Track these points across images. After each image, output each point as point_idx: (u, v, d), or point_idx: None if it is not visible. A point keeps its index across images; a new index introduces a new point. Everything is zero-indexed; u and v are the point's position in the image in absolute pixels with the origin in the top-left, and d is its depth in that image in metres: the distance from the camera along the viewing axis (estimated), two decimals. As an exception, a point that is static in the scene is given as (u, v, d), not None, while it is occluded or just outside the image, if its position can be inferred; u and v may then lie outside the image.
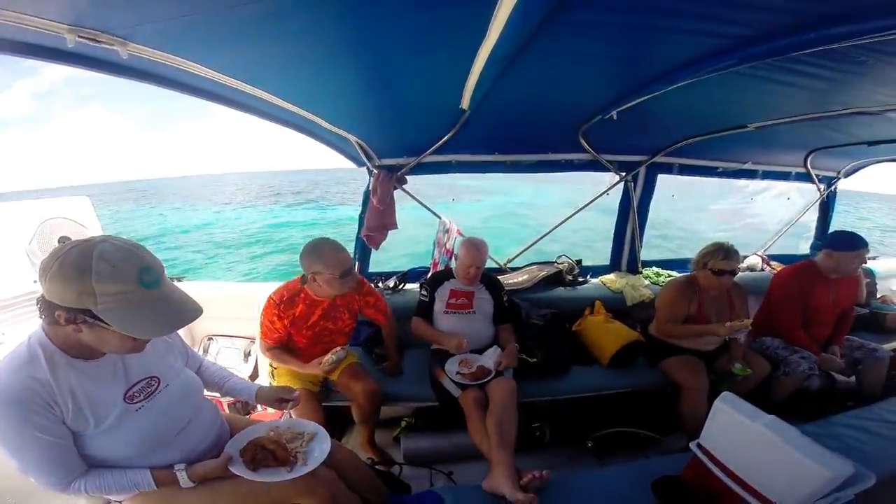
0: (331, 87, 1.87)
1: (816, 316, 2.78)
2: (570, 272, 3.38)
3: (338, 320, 2.29)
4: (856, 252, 2.63)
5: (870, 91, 1.86)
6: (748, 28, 1.27)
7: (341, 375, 2.27)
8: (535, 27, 1.28)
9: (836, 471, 1.24)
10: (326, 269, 2.03)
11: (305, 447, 1.47)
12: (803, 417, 2.62)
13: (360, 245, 3.08)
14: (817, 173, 3.79)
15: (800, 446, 1.32)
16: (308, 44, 1.42)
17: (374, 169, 2.88)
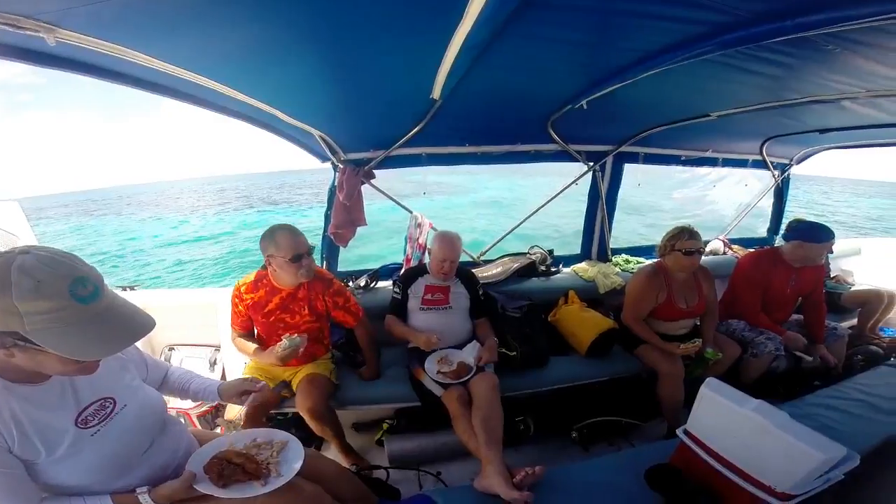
0: (291, 77, 1.77)
1: (774, 301, 2.90)
2: (543, 262, 3.40)
3: (295, 314, 2.21)
4: (824, 243, 2.73)
5: (826, 79, 1.91)
6: (727, 15, 1.25)
7: (298, 385, 2.18)
8: (511, 12, 1.22)
9: (829, 453, 1.27)
10: (278, 251, 2.03)
11: (278, 457, 1.38)
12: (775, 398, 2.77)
13: (326, 243, 2.96)
14: (772, 160, 3.96)
15: (791, 430, 1.34)
16: (264, 31, 1.32)
17: (339, 164, 2.76)
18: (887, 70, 1.66)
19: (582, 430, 2.60)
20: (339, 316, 2.35)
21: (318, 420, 2.12)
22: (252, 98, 1.91)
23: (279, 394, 2.18)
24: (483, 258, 3.51)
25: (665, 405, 2.53)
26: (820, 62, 1.68)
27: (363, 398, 2.36)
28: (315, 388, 2.14)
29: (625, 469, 1.72)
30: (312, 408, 2.08)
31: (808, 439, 1.31)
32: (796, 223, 2.84)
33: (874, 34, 1.28)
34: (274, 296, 2.19)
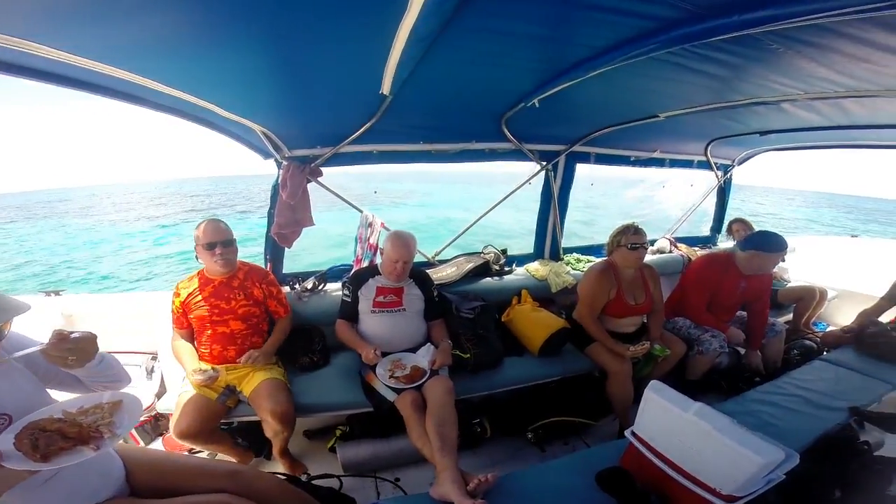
0: (227, 71, 1.65)
1: (721, 304, 2.98)
2: (497, 262, 3.37)
3: (231, 300, 2.26)
4: (779, 253, 2.77)
5: (769, 80, 1.96)
6: (675, 9, 1.23)
7: (254, 390, 2.12)
8: (458, 2, 1.16)
9: (768, 457, 1.29)
10: (198, 240, 2.20)
11: (111, 417, 1.25)
12: (719, 395, 2.85)
13: (270, 244, 2.80)
14: (716, 161, 4.12)
15: (731, 434, 1.36)
16: (193, 23, 1.21)
17: (282, 161, 2.60)
18: (825, 71, 1.71)
19: (537, 431, 2.60)
20: (272, 305, 2.44)
21: (286, 423, 2.08)
22: (183, 92, 1.77)
23: (224, 404, 2.11)
24: (438, 258, 3.43)
25: (615, 403, 2.57)
26: (764, 63, 1.71)
27: (314, 405, 2.26)
28: (280, 391, 2.12)
29: (578, 471, 1.72)
30: (284, 411, 2.06)
31: (748, 443, 1.33)
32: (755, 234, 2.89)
33: (817, 33, 1.30)
34: (207, 285, 2.27)
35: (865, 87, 1.84)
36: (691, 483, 1.45)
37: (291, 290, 2.80)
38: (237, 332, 2.27)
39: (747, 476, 1.31)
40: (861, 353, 2.90)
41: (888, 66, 1.53)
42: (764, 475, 1.35)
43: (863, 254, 4.47)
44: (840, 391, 2.43)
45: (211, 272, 2.27)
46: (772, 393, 2.39)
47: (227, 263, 2.24)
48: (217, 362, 2.23)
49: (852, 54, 1.47)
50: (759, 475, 1.32)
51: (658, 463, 1.56)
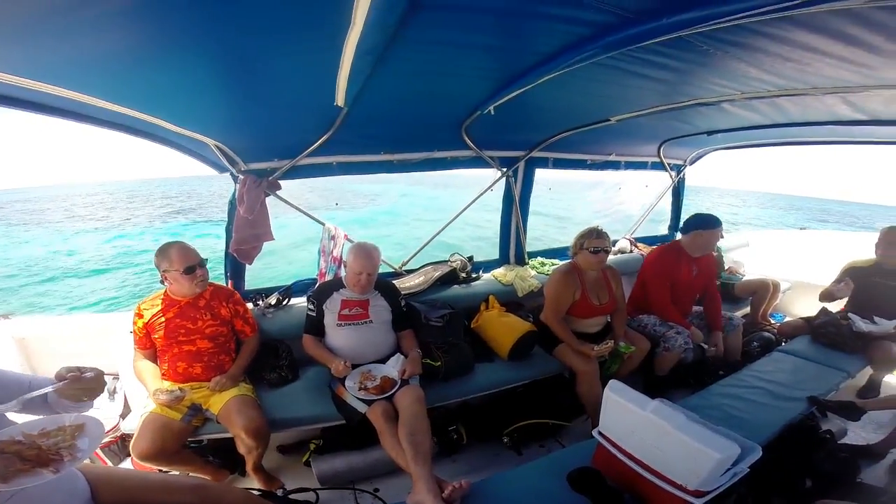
0: (177, 85, 1.63)
1: (682, 292, 3.12)
2: (464, 269, 3.39)
3: (197, 320, 2.25)
4: (717, 229, 3.02)
5: (709, 82, 2.06)
6: (609, 14, 1.29)
7: (223, 408, 2.09)
8: (401, 14, 1.20)
9: (725, 452, 1.33)
10: (171, 265, 2.15)
11: (73, 440, 1.22)
12: (686, 389, 2.93)
13: (229, 261, 2.73)
14: (669, 162, 4.27)
15: (688, 431, 1.39)
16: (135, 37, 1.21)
17: (238, 175, 2.55)
18: (756, 72, 1.81)
19: (512, 435, 2.61)
20: (238, 325, 2.41)
21: (260, 438, 2.05)
22: (128, 108, 1.74)
23: (190, 423, 2.06)
24: (405, 268, 3.42)
25: (586, 403, 2.61)
26: (701, 65, 1.80)
27: (286, 420, 2.23)
28: (250, 407, 2.10)
29: (553, 473, 1.74)
30: (257, 426, 2.03)
31: (704, 439, 1.36)
32: (690, 218, 3.10)
33: (741, 33, 1.38)
34: (172, 306, 2.24)
35: (794, 86, 1.95)
36: (659, 480, 1.48)
37: (255, 307, 2.73)
38: (204, 350, 2.25)
39: (707, 471, 1.35)
40: (816, 342, 3.04)
41: (810, 65, 1.63)
42: (724, 469, 1.38)
43: (811, 246, 4.70)
44: (799, 381, 2.54)
45: (179, 294, 2.24)
46: (735, 386, 2.48)
47: (205, 283, 2.28)
48: (182, 380, 2.20)
49: (777, 53, 1.56)
50: (718, 470, 1.35)
51: (626, 461, 1.59)
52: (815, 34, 1.33)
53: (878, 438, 2.51)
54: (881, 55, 1.43)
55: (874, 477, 2.28)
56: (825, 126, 2.71)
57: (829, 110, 2.38)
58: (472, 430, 2.61)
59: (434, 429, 2.32)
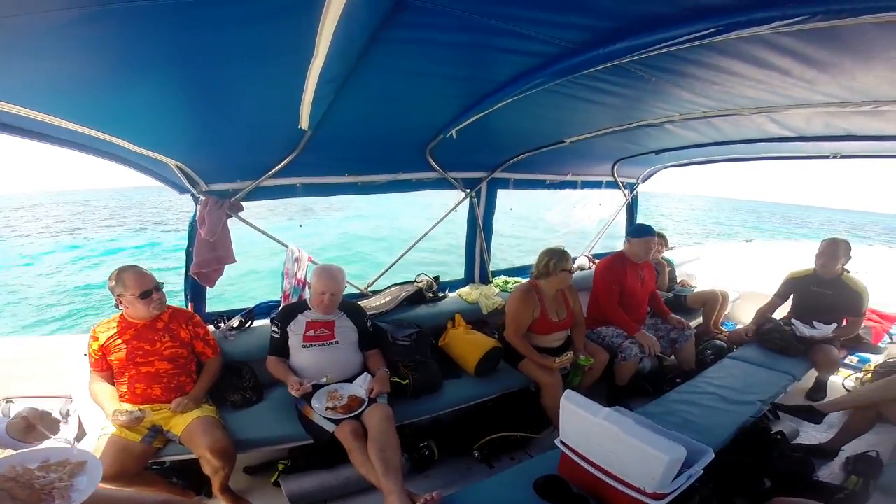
0: (139, 107, 1.65)
1: (632, 299, 3.28)
2: (430, 289, 3.42)
3: (155, 342, 2.23)
4: (648, 238, 3.27)
5: (652, 105, 2.23)
6: (553, 45, 1.42)
7: (186, 429, 2.06)
8: (363, 46, 1.28)
9: (671, 454, 1.40)
10: (126, 290, 2.13)
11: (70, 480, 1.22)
12: (646, 398, 3.01)
13: (190, 284, 2.67)
14: (622, 180, 4.50)
15: (636, 435, 1.46)
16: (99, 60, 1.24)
17: (200, 196, 2.53)
18: (690, 95, 1.98)
19: (483, 449, 2.63)
20: (199, 346, 2.39)
21: (226, 458, 2.02)
22: (87, 127, 1.72)
23: (150, 445, 2.02)
24: (371, 289, 3.43)
25: (551, 414, 2.66)
26: (643, 90, 1.96)
27: (253, 440, 2.19)
28: (215, 427, 2.07)
29: (521, 483, 1.76)
30: (223, 447, 2.00)
31: (653, 443, 1.43)
32: (630, 228, 3.34)
33: (671, 61, 1.53)
34: (129, 328, 2.22)
35: (724, 107, 2.15)
36: (619, 484, 1.53)
37: (216, 329, 2.67)
38: (163, 372, 2.21)
39: (660, 474, 1.41)
40: (763, 348, 3.21)
41: (734, 87, 1.81)
42: (677, 471, 1.44)
43: (756, 257, 5.01)
44: (749, 386, 2.67)
45: (136, 316, 2.22)
46: (690, 392, 2.59)
47: (162, 306, 2.26)
48: (140, 401, 2.14)
49: (705, 78, 1.73)
50: (671, 471, 1.42)
51: (587, 467, 1.64)
52: (733, 59, 1.49)
53: (828, 438, 2.63)
54: (790, 76, 1.60)
55: (830, 475, 2.40)
56: (758, 143, 2.96)
57: (759, 128, 2.61)
58: (443, 445, 2.62)
59: (405, 446, 2.33)
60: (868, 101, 1.75)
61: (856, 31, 1.16)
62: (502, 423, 2.70)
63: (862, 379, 3.31)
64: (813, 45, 1.30)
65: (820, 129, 2.46)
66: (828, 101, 1.86)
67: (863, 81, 1.56)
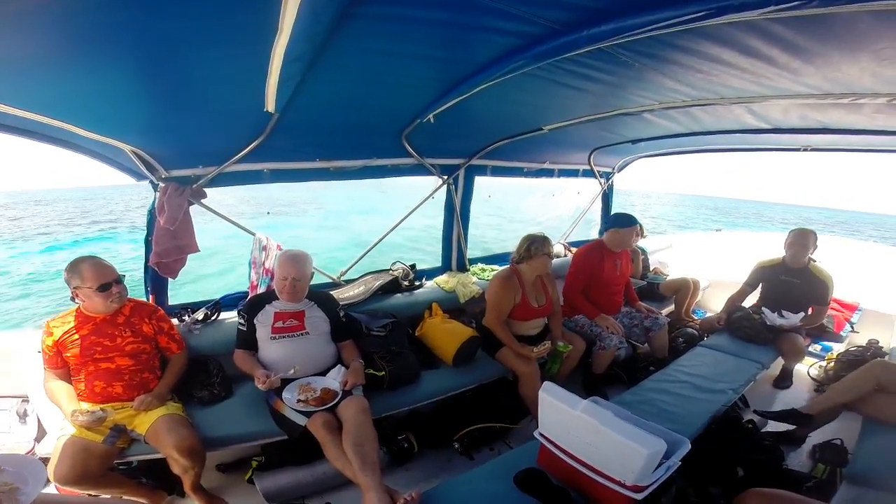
0: (91, 91, 1.55)
1: (608, 287, 3.31)
2: (406, 278, 3.35)
3: (115, 337, 2.11)
4: (633, 227, 3.33)
5: (631, 93, 2.19)
6: (536, 25, 1.35)
7: (151, 428, 1.98)
8: (331, 22, 1.20)
9: (651, 448, 1.39)
10: (84, 282, 2.01)
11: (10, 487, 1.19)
12: (622, 386, 3.07)
13: (150, 275, 2.53)
14: (598, 169, 4.49)
15: (616, 428, 1.45)
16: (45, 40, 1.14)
17: (159, 182, 2.38)
18: (671, 83, 1.95)
19: (462, 440, 2.61)
20: (164, 342, 2.28)
21: (195, 457, 1.94)
22: (34, 113, 1.60)
23: (114, 445, 1.93)
24: (343, 278, 3.33)
25: (529, 404, 2.66)
26: (624, 76, 1.92)
27: (223, 438, 2.11)
28: (181, 425, 1.99)
29: (501, 475, 1.75)
30: (190, 445, 1.92)
31: (633, 436, 1.42)
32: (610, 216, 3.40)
33: (657, 46, 1.49)
34: (87, 323, 2.09)
35: (705, 96, 2.12)
36: (599, 476, 1.52)
37: (181, 323, 2.54)
38: (124, 368, 2.10)
39: (640, 467, 1.40)
40: (733, 336, 3.29)
41: (718, 76, 1.78)
42: (656, 463, 1.44)
43: (725, 246, 5.12)
44: (720, 374, 2.72)
45: (93, 310, 2.09)
46: (664, 381, 2.62)
47: (122, 300, 2.13)
48: (100, 400, 2.04)
49: (689, 65, 1.69)
50: (650, 465, 1.41)
51: (567, 459, 1.63)
52: (720, 46, 1.45)
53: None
54: (776, 66, 1.58)
55: (798, 463, 2.47)
56: (734, 134, 2.98)
57: (736, 119, 2.61)
58: (422, 437, 2.59)
59: (384, 439, 2.28)
60: (848, 93, 1.75)
61: (848, 20, 1.13)
62: (481, 413, 2.69)
63: (825, 367, 3.43)
64: (803, 33, 1.27)
65: (796, 121, 2.48)
66: (809, 93, 1.85)
67: (847, 73, 1.55)
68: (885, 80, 1.58)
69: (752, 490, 1.56)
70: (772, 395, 3.32)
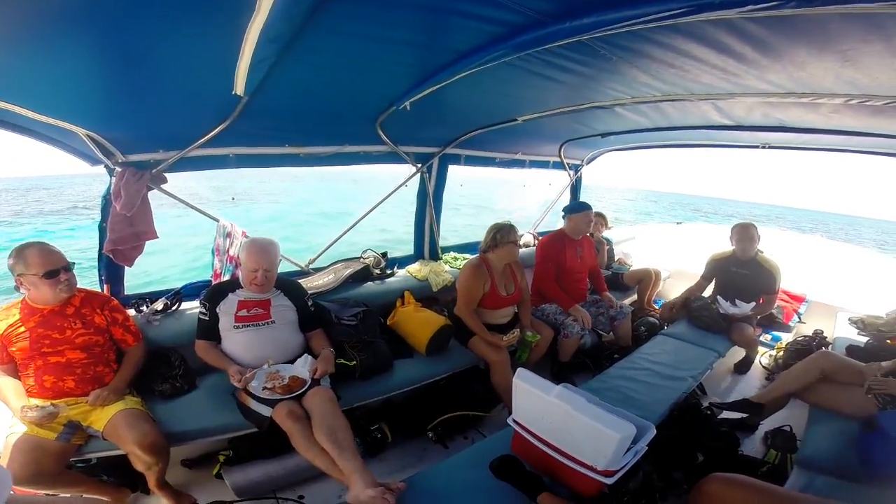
0: (40, 70, 1.44)
1: (571, 275, 3.41)
2: (377, 266, 3.32)
3: (65, 329, 2.00)
4: (586, 212, 3.44)
5: (605, 86, 2.22)
6: (519, 14, 1.35)
7: (109, 423, 1.90)
8: (311, 5, 1.16)
9: (623, 432, 1.43)
10: (29, 269, 1.89)
11: None
12: (587, 373, 3.16)
13: (105, 263, 2.39)
14: (568, 161, 4.56)
15: (589, 413, 1.48)
16: None
17: (115, 167, 2.24)
18: (645, 77, 1.98)
19: (437, 429, 2.62)
20: (118, 334, 2.17)
21: (158, 453, 1.88)
22: None
23: (70, 442, 1.85)
24: (312, 266, 3.26)
25: (501, 392, 2.70)
26: (600, 69, 1.94)
27: (187, 432, 2.05)
28: (142, 420, 1.92)
29: (476, 463, 1.77)
30: (153, 441, 1.85)
31: (604, 421, 1.46)
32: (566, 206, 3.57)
33: (635, 40, 1.51)
34: (34, 315, 1.97)
35: (675, 91, 2.18)
36: (571, 462, 1.55)
37: (138, 314, 2.42)
38: (75, 362, 2.00)
39: (612, 451, 1.44)
40: (692, 325, 3.43)
41: (689, 71, 1.82)
42: (626, 448, 1.48)
43: (685, 238, 5.33)
44: (680, 362, 2.83)
45: (40, 301, 1.98)
46: (628, 368, 2.71)
47: (71, 288, 2.01)
48: (51, 395, 1.94)
49: (663, 60, 1.72)
50: (621, 449, 1.45)
51: (540, 446, 1.65)
52: (695, 42, 1.49)
53: None
54: (745, 63, 1.63)
55: (752, 449, 2.61)
56: (699, 130, 3.08)
57: (702, 115, 2.69)
58: (396, 427, 2.59)
59: (357, 429, 2.25)
60: (809, 92, 1.84)
61: (820, 21, 1.18)
62: (454, 402, 2.70)
63: (776, 356, 3.64)
64: (776, 33, 1.32)
65: (758, 118, 2.58)
66: (773, 91, 1.92)
67: (811, 73, 1.62)
68: (845, 81, 1.66)
69: (712, 475, 1.63)
70: (727, 382, 3.50)
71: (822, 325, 3.73)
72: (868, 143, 2.80)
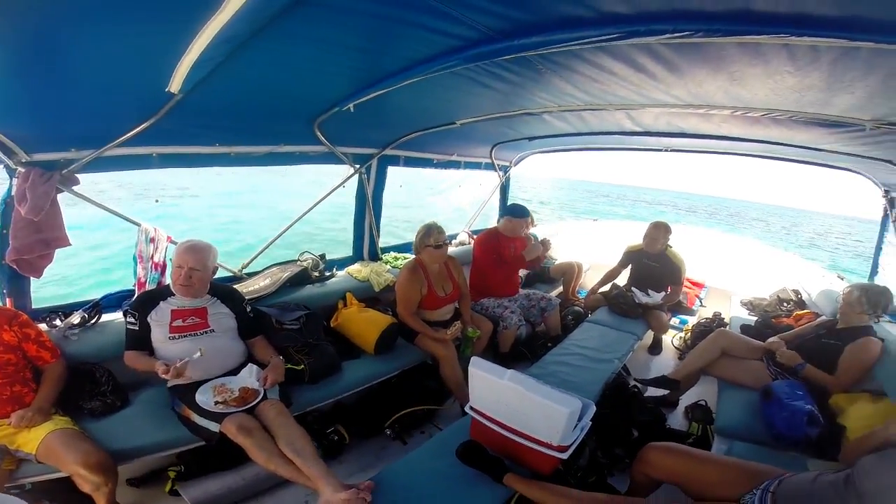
0: None
1: (507, 268, 3.63)
2: (316, 268, 3.26)
3: None
4: (526, 218, 3.79)
5: (536, 96, 2.42)
6: (473, 30, 1.45)
7: (42, 445, 1.76)
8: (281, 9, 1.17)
9: (570, 406, 1.59)
10: None
11: None
12: (525, 362, 3.34)
13: (7, 273, 2.12)
14: (498, 163, 4.80)
15: (539, 392, 1.63)
16: None
17: (18, 168, 1.99)
18: (571, 89, 2.20)
19: (394, 426, 2.66)
20: (32, 351, 2.00)
21: (106, 473, 1.75)
22: None
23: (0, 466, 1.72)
24: (246, 271, 3.13)
25: (450, 385, 2.80)
26: (533, 81, 2.12)
27: (128, 450, 1.91)
28: (79, 439, 1.79)
29: (439, 454, 1.84)
30: (98, 460, 1.73)
31: (552, 398, 1.61)
32: (507, 206, 3.76)
33: (567, 57, 1.70)
34: None
35: (596, 102, 2.44)
36: (529, 441, 1.68)
37: (51, 329, 2.19)
38: None
39: (562, 426, 1.59)
40: (612, 312, 3.79)
41: (609, 85, 2.06)
42: (574, 424, 1.64)
43: (601, 233, 5.80)
44: (606, 345, 3.11)
45: None
46: (561, 355, 2.94)
47: None
48: None
49: (588, 75, 1.94)
50: (570, 424, 1.61)
51: (498, 429, 1.77)
52: (617, 61, 1.71)
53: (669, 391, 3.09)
54: (655, 80, 1.89)
55: (676, 423, 2.91)
56: (614, 135, 3.42)
57: (617, 122, 3.01)
58: (351, 428, 2.58)
59: (312, 434, 2.21)
60: (703, 105, 2.17)
61: (719, 48, 1.42)
62: (407, 398, 2.76)
63: (684, 337, 4.12)
64: (683, 56, 1.56)
65: (663, 126, 2.96)
66: (675, 103, 2.23)
67: (706, 89, 1.92)
68: (732, 96, 1.99)
69: (650, 444, 1.83)
70: (646, 362, 3.90)
71: (720, 307, 4.29)
72: (748, 147, 3.31)
